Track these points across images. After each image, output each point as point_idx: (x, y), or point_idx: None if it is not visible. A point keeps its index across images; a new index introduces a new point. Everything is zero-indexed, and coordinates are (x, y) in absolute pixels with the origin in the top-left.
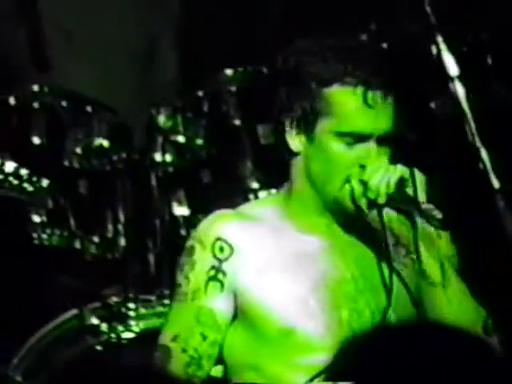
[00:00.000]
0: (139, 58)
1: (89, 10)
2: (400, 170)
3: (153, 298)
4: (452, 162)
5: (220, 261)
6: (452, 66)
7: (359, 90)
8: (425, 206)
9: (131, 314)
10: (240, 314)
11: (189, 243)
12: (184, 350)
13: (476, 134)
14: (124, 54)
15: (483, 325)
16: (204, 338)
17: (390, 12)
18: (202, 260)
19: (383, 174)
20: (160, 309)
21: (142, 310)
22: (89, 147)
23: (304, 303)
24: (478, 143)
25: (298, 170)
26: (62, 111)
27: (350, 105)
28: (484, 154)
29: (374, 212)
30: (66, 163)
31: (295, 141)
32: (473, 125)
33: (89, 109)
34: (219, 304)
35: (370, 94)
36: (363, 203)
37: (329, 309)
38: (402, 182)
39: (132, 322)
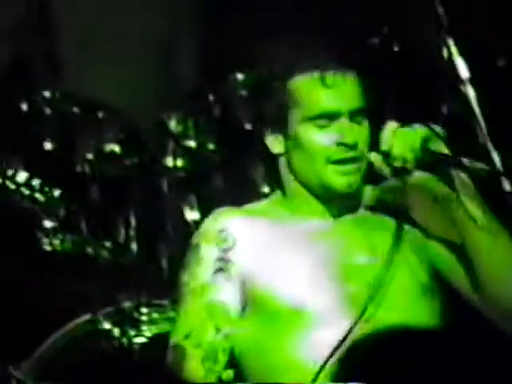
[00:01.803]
0: (153, 62)
1: (103, 14)
2: (419, 131)
3: (166, 302)
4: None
5: (225, 251)
6: (463, 69)
7: (315, 74)
8: (464, 160)
9: (144, 318)
10: (249, 302)
11: (193, 242)
12: (198, 346)
13: (487, 137)
14: (138, 58)
15: None
16: (217, 330)
17: (402, 15)
18: (207, 254)
19: (404, 140)
20: (173, 314)
21: (155, 315)
22: (100, 153)
23: (310, 281)
24: (490, 146)
25: (283, 169)
26: (73, 117)
27: (312, 90)
28: (495, 156)
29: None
30: (78, 169)
31: (275, 143)
32: (484, 127)
33: (100, 114)
34: (229, 295)
35: (326, 77)
36: (386, 172)
37: (336, 284)
38: (425, 141)
39: (144, 327)
